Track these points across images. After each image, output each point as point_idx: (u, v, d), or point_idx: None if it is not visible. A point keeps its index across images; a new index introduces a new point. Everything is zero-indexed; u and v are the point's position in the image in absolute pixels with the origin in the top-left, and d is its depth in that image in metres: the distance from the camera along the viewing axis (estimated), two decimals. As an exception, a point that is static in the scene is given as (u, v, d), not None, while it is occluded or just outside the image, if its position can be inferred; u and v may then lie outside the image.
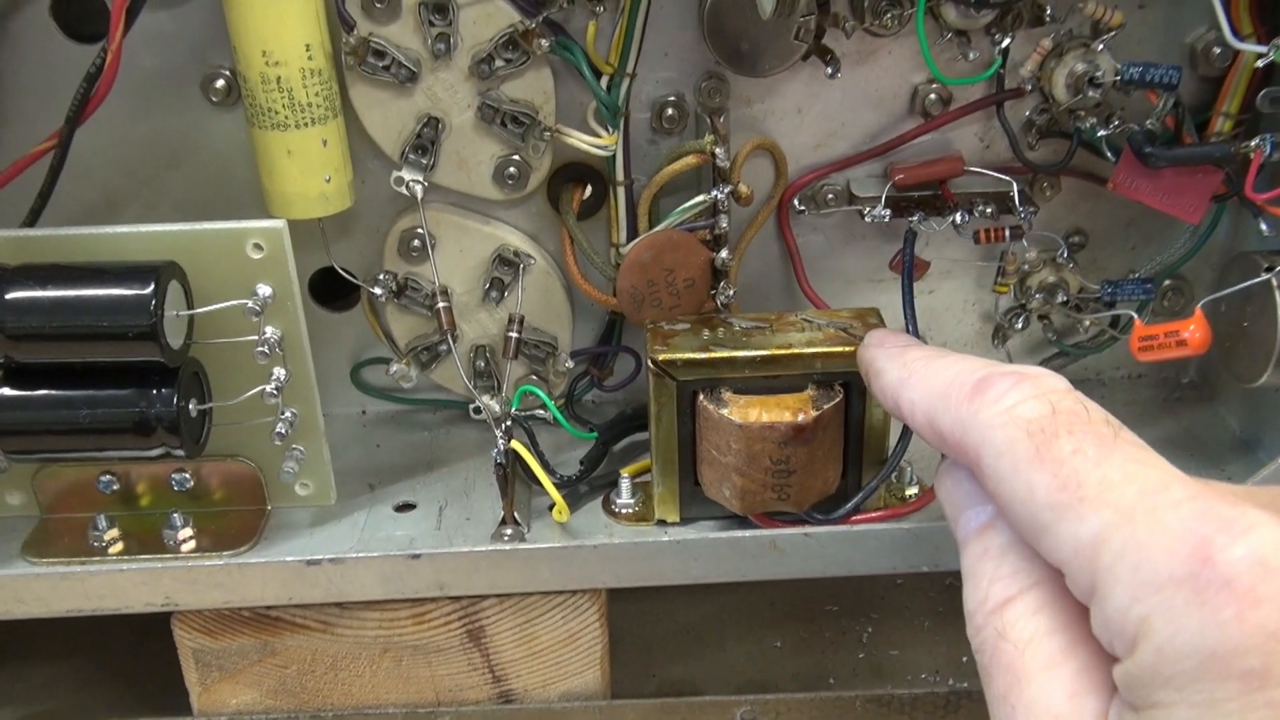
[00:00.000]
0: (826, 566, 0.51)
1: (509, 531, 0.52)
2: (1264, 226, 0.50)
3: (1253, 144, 0.49)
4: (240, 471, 0.53)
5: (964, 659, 0.60)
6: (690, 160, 0.53)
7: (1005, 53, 0.52)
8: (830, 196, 0.56)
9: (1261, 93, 0.49)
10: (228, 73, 0.53)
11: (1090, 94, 0.51)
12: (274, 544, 0.52)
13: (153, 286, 0.46)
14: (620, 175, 0.54)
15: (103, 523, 0.51)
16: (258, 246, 0.49)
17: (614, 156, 0.53)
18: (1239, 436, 0.58)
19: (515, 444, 0.52)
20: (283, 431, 0.51)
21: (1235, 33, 0.48)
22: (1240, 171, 0.50)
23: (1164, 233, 0.58)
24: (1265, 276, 0.50)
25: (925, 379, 0.39)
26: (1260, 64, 0.48)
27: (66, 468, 0.52)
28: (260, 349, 0.50)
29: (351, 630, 0.53)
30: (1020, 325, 0.59)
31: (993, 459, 0.34)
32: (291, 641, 0.53)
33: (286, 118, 0.49)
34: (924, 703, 0.56)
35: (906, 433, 0.51)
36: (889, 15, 0.51)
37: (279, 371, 0.51)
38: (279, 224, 0.49)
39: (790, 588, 0.65)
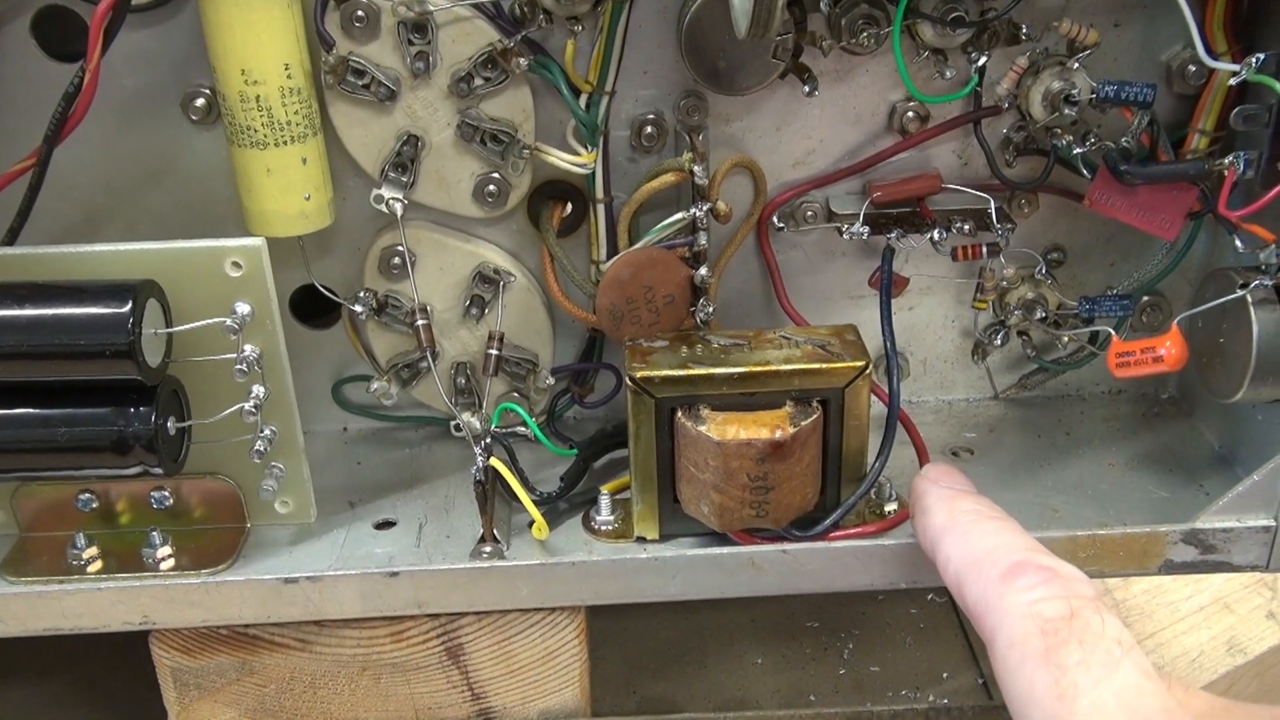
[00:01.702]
0: (805, 583, 0.51)
1: (488, 549, 0.52)
2: (1239, 243, 0.50)
3: (1226, 162, 0.49)
4: (219, 489, 0.53)
5: (944, 675, 0.60)
6: (669, 178, 0.53)
7: (982, 71, 0.52)
8: (809, 214, 0.56)
9: (1235, 111, 0.50)
10: (207, 91, 0.53)
11: (1066, 112, 0.51)
12: (253, 562, 0.52)
13: (130, 305, 0.46)
14: (600, 193, 0.54)
15: (81, 541, 0.51)
16: (236, 265, 0.49)
17: (593, 174, 0.53)
18: (1217, 452, 0.58)
19: (495, 461, 0.52)
20: (262, 449, 0.51)
21: (1210, 51, 0.48)
22: (1215, 189, 0.50)
23: (1142, 249, 0.58)
24: (1240, 293, 0.50)
25: (966, 539, 0.41)
26: (1234, 82, 0.48)
27: (45, 486, 0.52)
28: (239, 367, 0.50)
29: (330, 648, 0.53)
30: (1000, 341, 0.60)
31: (1004, 646, 0.36)
32: (270, 660, 0.53)
33: (266, 136, 0.49)
34: (904, 719, 0.56)
35: (885, 448, 0.52)
36: (866, 34, 0.51)
37: (258, 389, 0.51)
38: (257, 242, 0.49)
39: (770, 604, 0.64)
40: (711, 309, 0.55)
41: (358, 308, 0.56)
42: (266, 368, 0.51)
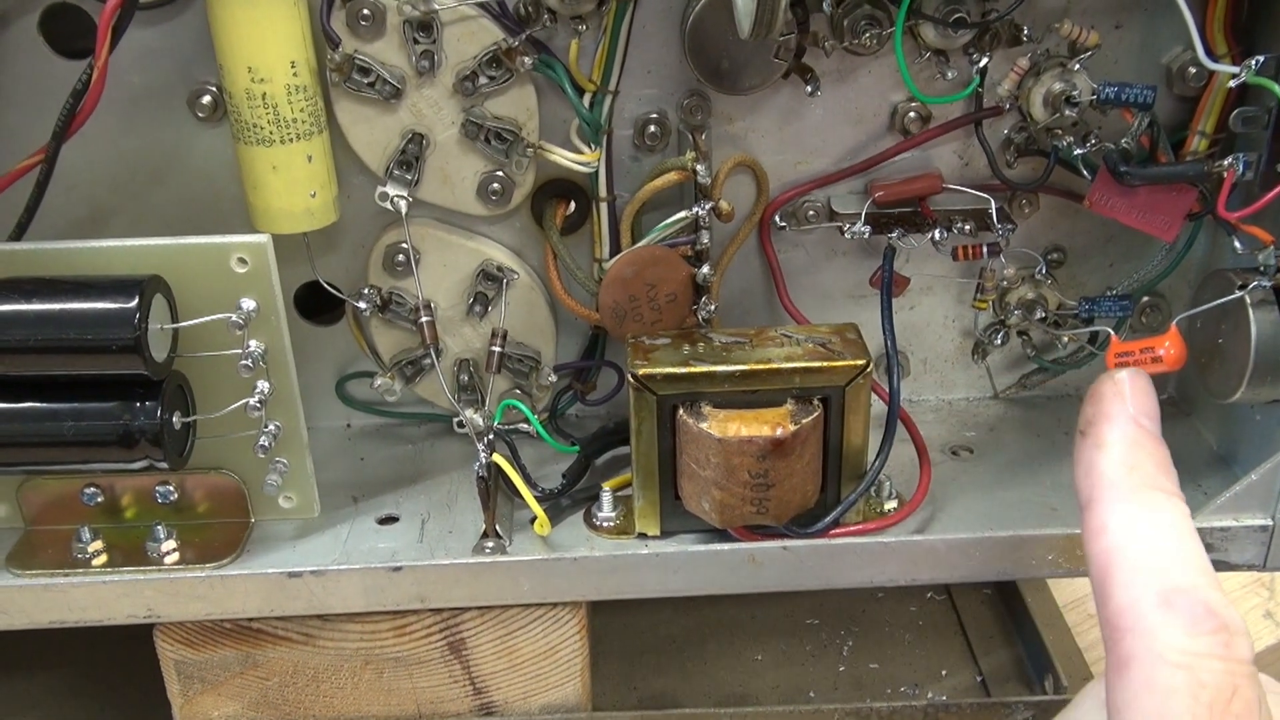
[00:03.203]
0: (805, 580, 0.52)
1: (490, 544, 0.52)
2: (1237, 244, 0.50)
3: (1225, 163, 0.49)
4: (224, 484, 0.53)
5: (943, 672, 0.61)
6: (672, 177, 0.53)
7: (983, 72, 0.52)
8: (811, 213, 0.56)
9: (1234, 113, 0.50)
10: (214, 89, 0.53)
11: (1067, 113, 0.52)
12: (256, 556, 0.52)
13: (137, 300, 0.46)
14: (603, 191, 0.54)
15: (86, 535, 0.52)
16: (242, 261, 0.49)
17: (597, 173, 0.53)
18: (1216, 452, 0.58)
19: (497, 457, 0.52)
20: (266, 444, 0.52)
21: (1210, 53, 0.49)
22: (1214, 190, 0.51)
23: (1141, 250, 0.58)
24: (1239, 294, 0.50)
25: (1136, 520, 0.36)
26: (1233, 84, 0.48)
27: (51, 480, 0.52)
28: (244, 362, 0.50)
29: (333, 642, 0.53)
30: (1000, 341, 0.60)
31: (1140, 684, 0.33)
32: (273, 653, 0.53)
33: (271, 133, 0.49)
34: (902, 716, 0.56)
35: (885, 447, 0.52)
36: (868, 35, 0.51)
37: (263, 385, 0.51)
38: (263, 239, 0.49)
39: (771, 601, 0.65)
40: (713, 307, 0.55)
41: (362, 304, 0.56)
42: (271, 363, 0.51)
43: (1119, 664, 0.34)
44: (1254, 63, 0.47)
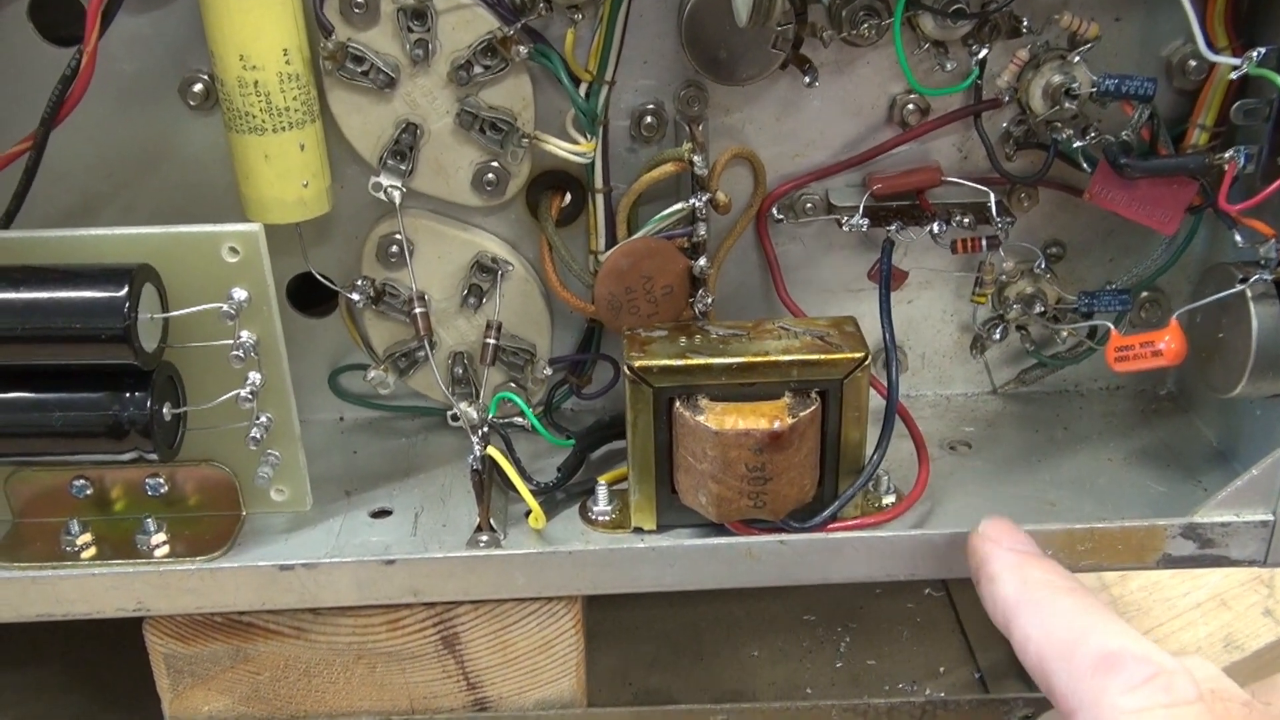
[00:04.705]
0: (802, 574, 0.51)
1: (484, 538, 0.52)
2: (1238, 238, 0.50)
3: (1226, 156, 0.49)
4: (215, 476, 0.53)
5: (941, 669, 0.60)
6: (669, 168, 0.52)
7: (983, 64, 0.52)
8: (809, 206, 0.56)
9: (1236, 105, 0.50)
10: (206, 77, 0.52)
11: (1067, 105, 0.51)
12: (248, 549, 0.51)
13: (127, 289, 0.45)
14: (599, 182, 0.54)
15: (75, 527, 0.51)
16: (233, 250, 0.49)
17: (593, 164, 0.53)
18: (1215, 448, 0.58)
19: (492, 450, 0.52)
20: (257, 436, 0.51)
21: (1210, 45, 0.48)
22: (1215, 183, 0.50)
23: (1141, 244, 0.58)
24: (1240, 287, 0.50)
25: (1046, 617, 0.39)
26: (1234, 76, 0.48)
27: (39, 472, 0.52)
28: (235, 353, 0.50)
29: (325, 636, 0.53)
30: (998, 336, 0.59)
31: None
32: (264, 648, 0.53)
33: (264, 122, 0.49)
34: (900, 713, 0.56)
35: (883, 441, 0.51)
36: (866, 25, 0.51)
37: (254, 376, 0.50)
38: (255, 228, 0.49)
39: (767, 597, 0.64)
40: (710, 300, 0.55)
41: (355, 296, 0.55)
42: (263, 354, 0.50)
43: None
44: (1255, 54, 0.47)
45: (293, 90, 0.49)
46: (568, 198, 0.55)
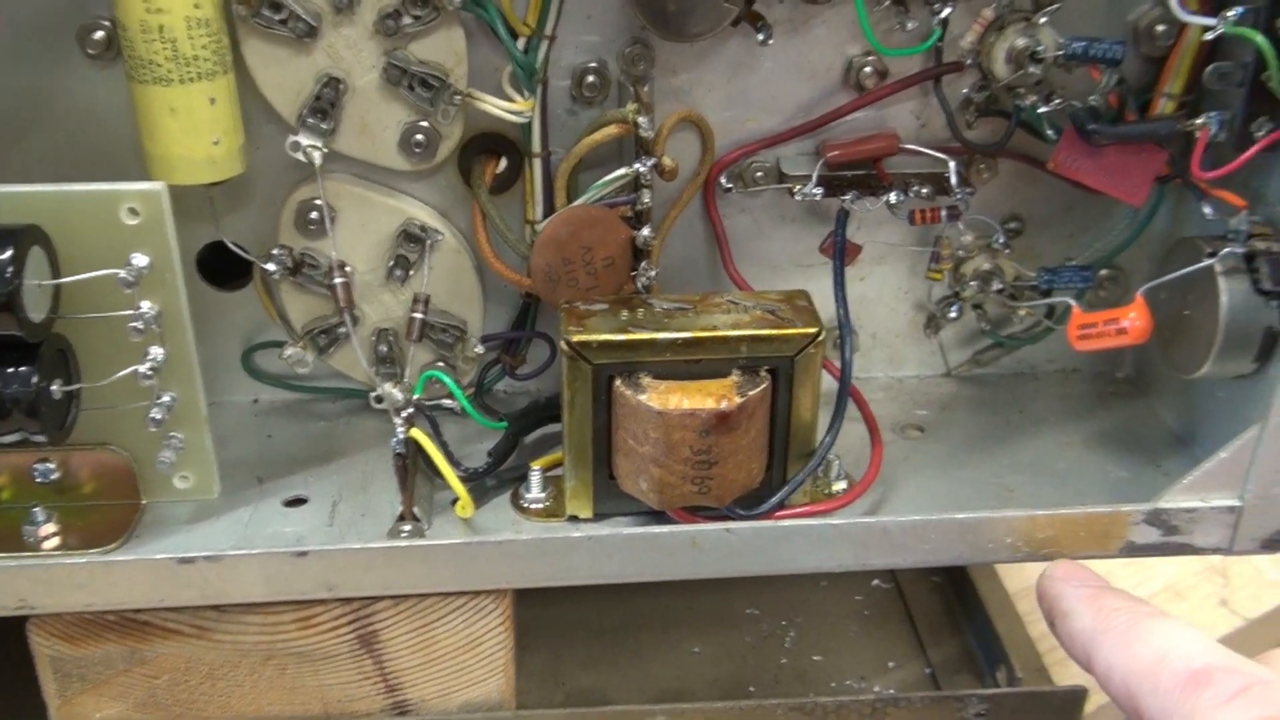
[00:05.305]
0: (749, 564, 0.49)
1: (407, 528, 0.49)
2: (1207, 209, 0.49)
3: (1199, 122, 0.47)
4: (112, 462, 0.50)
5: (890, 664, 0.60)
6: (612, 130, 0.50)
7: (945, 23, 0.50)
8: (759, 174, 0.54)
9: (1210, 67, 0.48)
10: (107, 23, 0.49)
11: (1031, 70, 0.49)
12: (146, 541, 0.48)
13: (11, 252, 0.42)
14: (537, 146, 0.51)
15: (-48, 517, 0.47)
16: (133, 211, 0.46)
17: (530, 125, 0.50)
18: (1174, 432, 0.57)
19: (416, 433, 0.49)
20: (158, 417, 0.48)
21: (1182, 5, 0.46)
22: (1184, 152, 0.49)
23: (1101, 220, 0.56)
24: (1208, 262, 0.48)
25: (1130, 643, 0.39)
26: (1209, 37, 0.46)
27: (-86, 456, 0.48)
28: (134, 325, 0.46)
29: (230, 636, 0.50)
30: (954, 314, 0.58)
31: None
32: (163, 649, 0.50)
33: (169, 71, 0.45)
34: (849, 710, 0.55)
35: (835, 424, 0.50)
36: (824, -21, 0.48)
37: (155, 351, 0.47)
38: (156, 187, 0.46)
39: (709, 590, 0.63)
40: (654, 273, 0.52)
41: (271, 266, 0.52)
42: (166, 327, 0.47)
43: None
44: (1232, 14, 0.45)
45: (202, 37, 0.45)
46: (503, 163, 0.52)
